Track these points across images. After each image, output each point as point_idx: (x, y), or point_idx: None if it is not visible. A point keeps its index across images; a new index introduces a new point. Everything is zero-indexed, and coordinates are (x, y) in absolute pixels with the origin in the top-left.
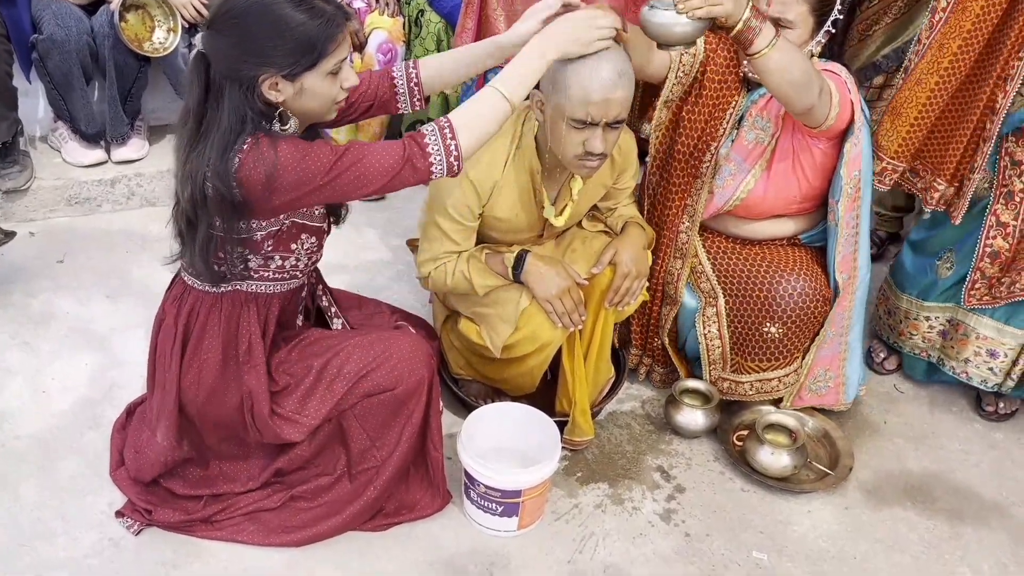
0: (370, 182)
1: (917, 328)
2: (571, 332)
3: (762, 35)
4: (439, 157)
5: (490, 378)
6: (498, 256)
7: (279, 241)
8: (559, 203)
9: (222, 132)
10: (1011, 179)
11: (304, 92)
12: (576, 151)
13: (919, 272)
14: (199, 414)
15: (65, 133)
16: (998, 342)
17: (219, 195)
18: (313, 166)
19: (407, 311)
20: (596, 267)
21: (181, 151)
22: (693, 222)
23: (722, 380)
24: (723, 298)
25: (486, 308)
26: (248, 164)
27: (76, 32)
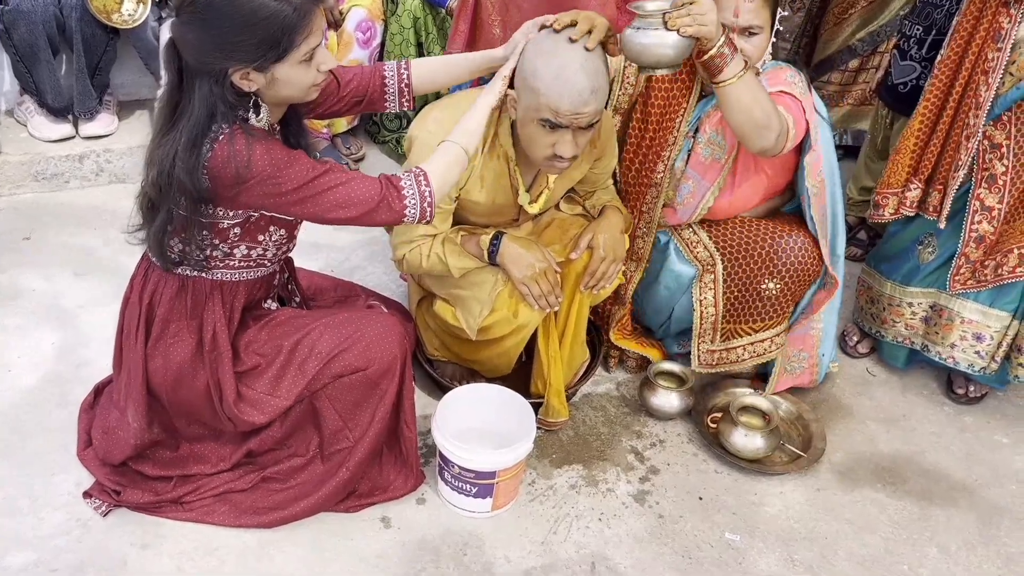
0: (344, 209)
1: (900, 315)
2: (547, 314)
3: (732, 64)
4: (414, 202)
5: (465, 359)
6: (474, 238)
7: (246, 231)
8: (535, 189)
9: (191, 122)
10: (991, 162)
11: (277, 81)
12: (545, 152)
13: (901, 257)
14: (167, 398)
15: (31, 107)
16: (983, 325)
17: (184, 184)
18: (286, 178)
19: (381, 293)
20: (574, 252)
21: (154, 134)
22: (649, 229)
23: (711, 353)
24: (721, 263)
25: (462, 290)
26: (220, 158)
27: (43, 3)
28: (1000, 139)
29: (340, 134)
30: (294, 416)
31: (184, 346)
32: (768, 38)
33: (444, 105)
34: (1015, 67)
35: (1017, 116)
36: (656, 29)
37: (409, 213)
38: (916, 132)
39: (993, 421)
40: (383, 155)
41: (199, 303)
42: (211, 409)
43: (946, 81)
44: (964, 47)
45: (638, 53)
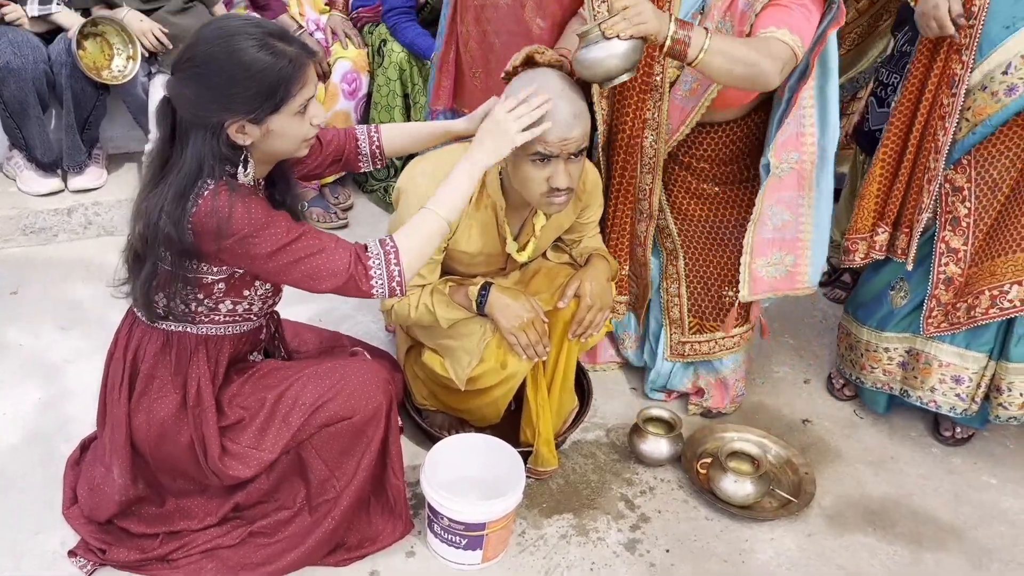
0: (314, 281)
1: (877, 360)
2: (535, 363)
3: (693, 43)
4: (381, 282)
5: (454, 409)
6: (462, 289)
7: (231, 287)
8: (522, 238)
9: (181, 175)
10: (954, 205)
11: (271, 134)
12: (541, 188)
13: (875, 303)
14: (152, 454)
15: (20, 162)
16: (962, 368)
17: (170, 237)
18: (262, 239)
19: (368, 343)
20: (561, 301)
21: (142, 187)
22: (659, 136)
23: (682, 344)
24: (683, 259)
25: (450, 340)
26: (203, 212)
27: (33, 60)
28: (961, 182)
29: (328, 184)
30: (280, 468)
31: (168, 402)
32: None
33: (432, 157)
34: (970, 112)
35: (976, 159)
36: (599, 43)
37: (376, 293)
38: (878, 177)
39: (980, 462)
40: (371, 203)
41: (184, 358)
42: (195, 464)
43: (903, 126)
44: (919, 92)
45: (590, 69)
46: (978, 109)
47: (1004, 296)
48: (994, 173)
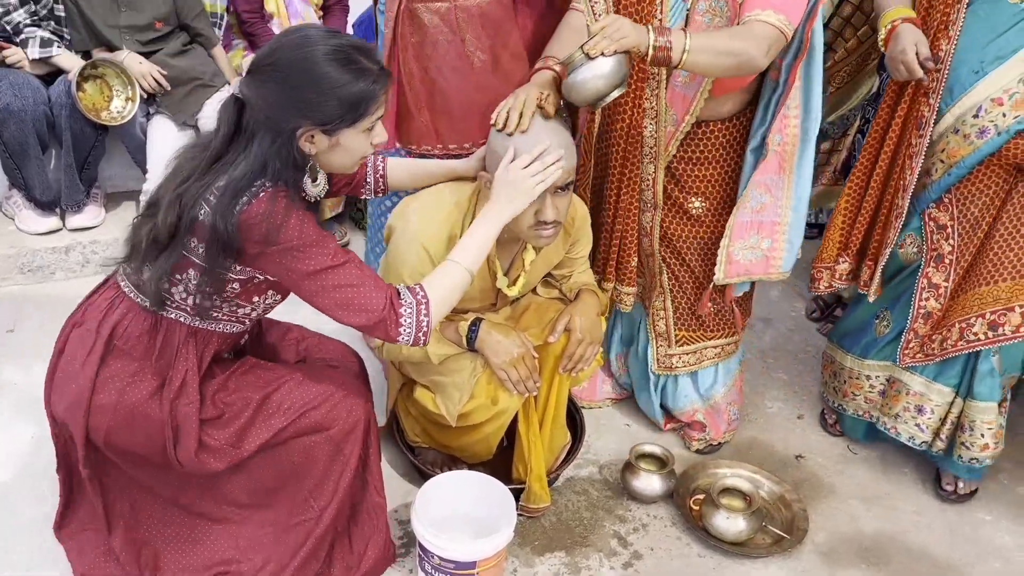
0: (345, 312)
1: (859, 388)
2: (526, 399)
3: (675, 47)
4: (409, 331)
5: (446, 446)
6: (452, 325)
7: (245, 291)
8: (512, 273)
9: (240, 173)
10: (939, 243)
11: (338, 147)
12: (529, 222)
13: (860, 330)
14: (109, 436)
15: (20, 201)
16: (925, 398)
17: (215, 229)
18: (308, 256)
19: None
20: (552, 336)
21: (181, 178)
22: (658, 125)
23: (668, 356)
24: (666, 274)
25: (441, 376)
26: (255, 213)
27: (33, 102)
28: (945, 220)
29: (326, 220)
30: (256, 490)
31: (144, 387)
32: None
33: (423, 196)
34: (944, 154)
35: (957, 198)
36: (584, 64)
37: (403, 340)
38: (843, 210)
39: (975, 498)
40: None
41: (171, 347)
42: (160, 452)
43: (869, 163)
44: (886, 131)
45: (579, 92)
46: (951, 151)
47: (970, 329)
48: (975, 211)
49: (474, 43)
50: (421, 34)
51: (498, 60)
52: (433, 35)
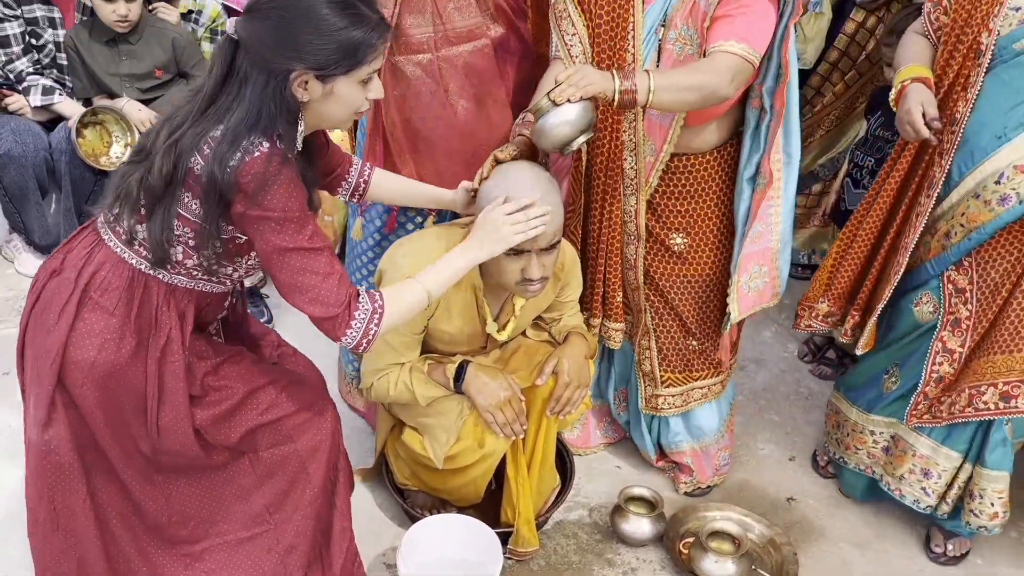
0: (300, 296)
1: (863, 442)
2: (513, 442)
3: (639, 89)
4: (355, 335)
5: (435, 489)
6: (440, 367)
7: (227, 250)
8: (502, 318)
9: (237, 119)
10: (957, 307)
11: (332, 96)
12: (515, 279)
13: (868, 385)
14: (83, 393)
15: (19, 244)
16: (932, 462)
17: (212, 177)
18: (285, 230)
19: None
20: (540, 379)
21: (175, 124)
22: (637, 157)
23: (655, 397)
24: (649, 313)
25: (428, 418)
26: (250, 170)
27: (34, 148)
28: (964, 284)
29: None
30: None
31: (124, 347)
32: None
33: (414, 239)
34: (964, 218)
35: (977, 262)
36: (551, 111)
37: (345, 342)
38: (833, 255)
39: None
40: None
41: (148, 305)
42: (139, 417)
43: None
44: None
45: (547, 137)
46: (972, 216)
47: (980, 397)
48: (995, 276)
49: (458, 92)
50: (403, 86)
51: (482, 107)
52: (416, 86)
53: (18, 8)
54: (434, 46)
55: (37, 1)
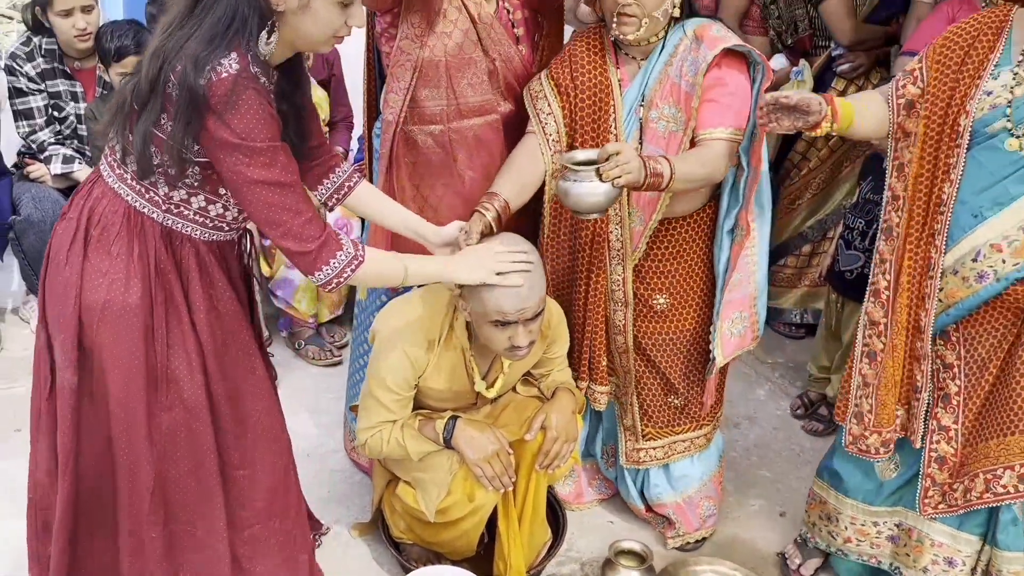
0: (277, 233)
1: (865, 534)
2: (504, 495)
3: (664, 176)
4: (328, 273)
5: (429, 542)
6: (430, 423)
7: (207, 179)
8: (491, 375)
9: (213, 20)
10: (945, 382)
11: (308, 11)
12: (503, 345)
13: (860, 477)
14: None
15: (36, 306)
16: (954, 549)
17: (186, 81)
18: (250, 162)
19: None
20: (528, 434)
21: (164, 28)
22: (623, 228)
23: (636, 451)
24: (633, 372)
25: (420, 473)
26: (220, 85)
27: (52, 213)
28: (951, 359)
29: (325, 323)
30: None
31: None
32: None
33: (404, 303)
34: (942, 294)
35: (964, 337)
36: (590, 180)
37: (317, 278)
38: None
39: None
40: None
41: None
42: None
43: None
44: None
45: (575, 203)
46: (950, 291)
47: (997, 481)
48: (982, 352)
49: (466, 163)
50: (415, 154)
51: (488, 178)
52: (426, 155)
53: (43, 83)
54: (446, 118)
55: (61, 76)
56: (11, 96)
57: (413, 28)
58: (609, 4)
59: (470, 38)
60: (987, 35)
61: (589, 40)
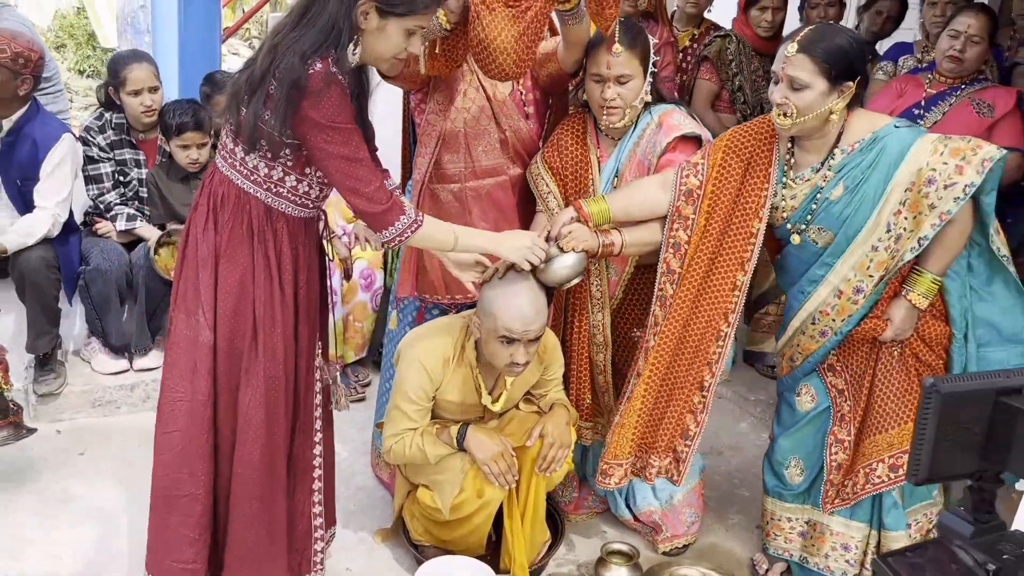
0: (351, 195)
1: (780, 529)
2: (509, 494)
3: (614, 244)
4: (393, 233)
5: (445, 541)
6: (446, 430)
7: (297, 159)
8: (496, 391)
9: (320, 27)
10: (841, 404)
11: (382, 33)
12: (505, 361)
13: (775, 477)
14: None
15: (96, 346)
16: (848, 536)
17: (289, 76)
18: (334, 141)
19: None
20: (529, 441)
21: (276, 31)
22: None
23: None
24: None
25: (437, 475)
26: (319, 75)
27: (117, 264)
28: (842, 386)
29: (350, 364)
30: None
31: (241, 264)
32: (642, 83)
33: (424, 330)
34: (799, 348)
35: (845, 365)
36: (558, 256)
37: (385, 235)
38: None
39: None
40: None
41: (255, 220)
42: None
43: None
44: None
45: (552, 276)
46: (804, 346)
47: (873, 473)
48: (857, 371)
49: (479, 216)
50: (436, 208)
51: (497, 228)
52: (447, 208)
53: (111, 152)
54: (463, 178)
55: (127, 146)
56: (84, 163)
57: (438, 104)
58: (596, 99)
59: (485, 113)
60: (762, 149)
61: (574, 126)
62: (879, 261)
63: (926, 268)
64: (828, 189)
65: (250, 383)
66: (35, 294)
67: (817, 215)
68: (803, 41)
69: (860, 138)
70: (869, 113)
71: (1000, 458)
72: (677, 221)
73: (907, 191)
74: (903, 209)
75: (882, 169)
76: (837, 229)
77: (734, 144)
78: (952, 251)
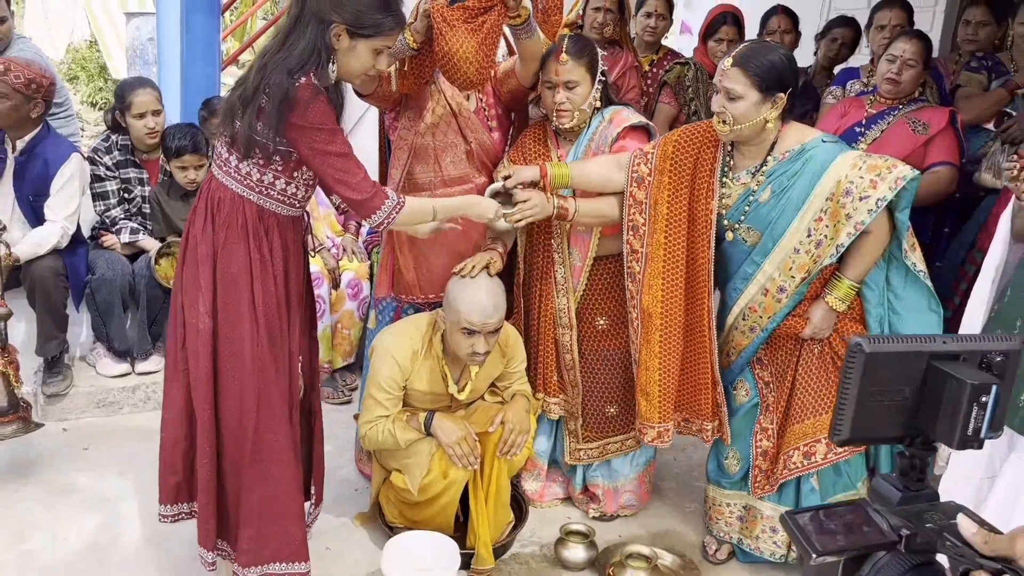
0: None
1: (721, 514)
2: (473, 476)
3: (568, 210)
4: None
5: (415, 521)
6: (415, 417)
7: (286, 165)
8: (462, 381)
9: (301, 49)
10: (767, 396)
11: (352, 52)
12: (467, 351)
13: (717, 466)
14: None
15: (101, 351)
16: (776, 519)
17: (279, 90)
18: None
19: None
20: (491, 427)
21: (263, 54)
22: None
23: (577, 450)
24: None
25: (407, 458)
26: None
27: (121, 273)
28: (768, 378)
29: (338, 369)
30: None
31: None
32: (590, 88)
33: (396, 324)
34: (734, 343)
35: (770, 359)
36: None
37: (373, 220)
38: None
39: None
40: None
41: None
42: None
43: None
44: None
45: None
46: (737, 341)
47: (790, 460)
48: (782, 365)
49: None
50: None
51: (465, 231)
52: None
53: (117, 171)
54: (433, 187)
55: (131, 166)
56: (92, 181)
57: (409, 120)
58: (549, 103)
59: (452, 127)
60: (708, 147)
61: (535, 131)
62: (800, 263)
63: (844, 274)
64: (759, 192)
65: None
66: (45, 301)
67: (748, 215)
68: (737, 57)
69: (790, 148)
70: (802, 126)
71: (930, 425)
72: (633, 206)
73: (828, 200)
74: (824, 217)
75: (807, 178)
76: (764, 230)
77: (684, 140)
78: (868, 260)
